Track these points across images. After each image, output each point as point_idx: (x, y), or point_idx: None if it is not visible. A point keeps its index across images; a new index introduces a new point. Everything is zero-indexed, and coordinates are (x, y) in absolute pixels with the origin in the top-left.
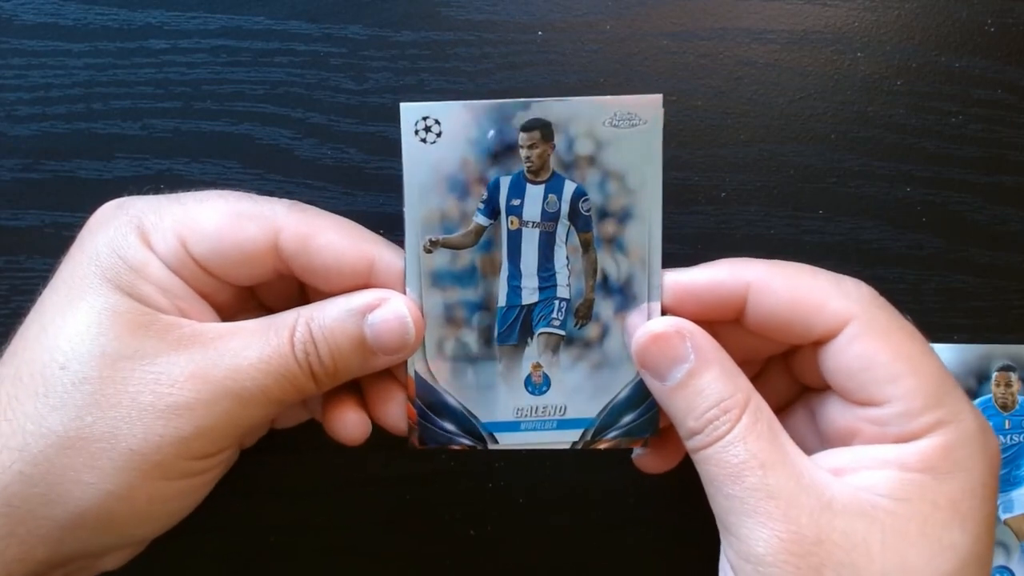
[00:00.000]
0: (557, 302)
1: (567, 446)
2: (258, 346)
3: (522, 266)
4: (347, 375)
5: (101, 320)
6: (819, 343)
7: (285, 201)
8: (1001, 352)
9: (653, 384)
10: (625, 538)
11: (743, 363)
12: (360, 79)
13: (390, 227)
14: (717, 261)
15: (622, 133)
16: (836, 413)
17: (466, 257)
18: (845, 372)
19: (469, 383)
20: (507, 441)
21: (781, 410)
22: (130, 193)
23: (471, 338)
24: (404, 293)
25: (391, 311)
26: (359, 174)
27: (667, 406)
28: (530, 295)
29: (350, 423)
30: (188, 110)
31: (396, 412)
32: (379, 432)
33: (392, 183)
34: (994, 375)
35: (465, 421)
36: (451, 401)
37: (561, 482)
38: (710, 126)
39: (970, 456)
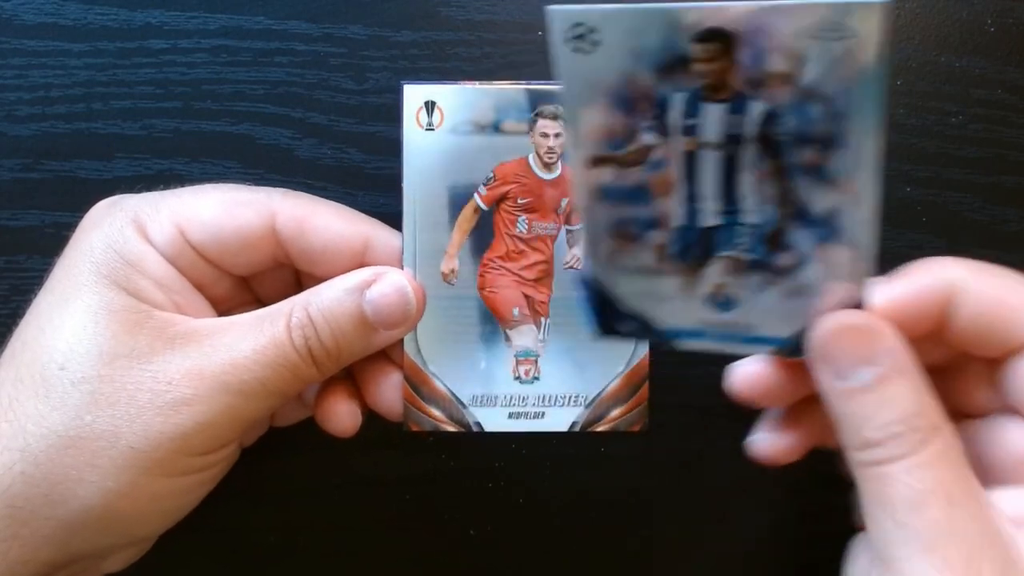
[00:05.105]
0: (744, 227)
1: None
2: (253, 338)
3: (701, 191)
4: (349, 356)
5: (97, 319)
6: (1009, 355)
7: (280, 189)
8: None
9: (826, 379)
10: (625, 539)
11: None
12: (360, 79)
13: (391, 227)
14: (917, 266)
15: (828, 47)
16: (1015, 442)
17: (635, 175)
18: None
19: (647, 293)
20: (691, 345)
21: None
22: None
23: (645, 253)
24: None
25: (389, 284)
26: (359, 174)
27: (838, 407)
28: (711, 219)
29: (341, 414)
30: (188, 110)
31: (392, 395)
32: (379, 432)
33: (393, 182)
34: None
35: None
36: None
37: (561, 482)
38: None
39: None
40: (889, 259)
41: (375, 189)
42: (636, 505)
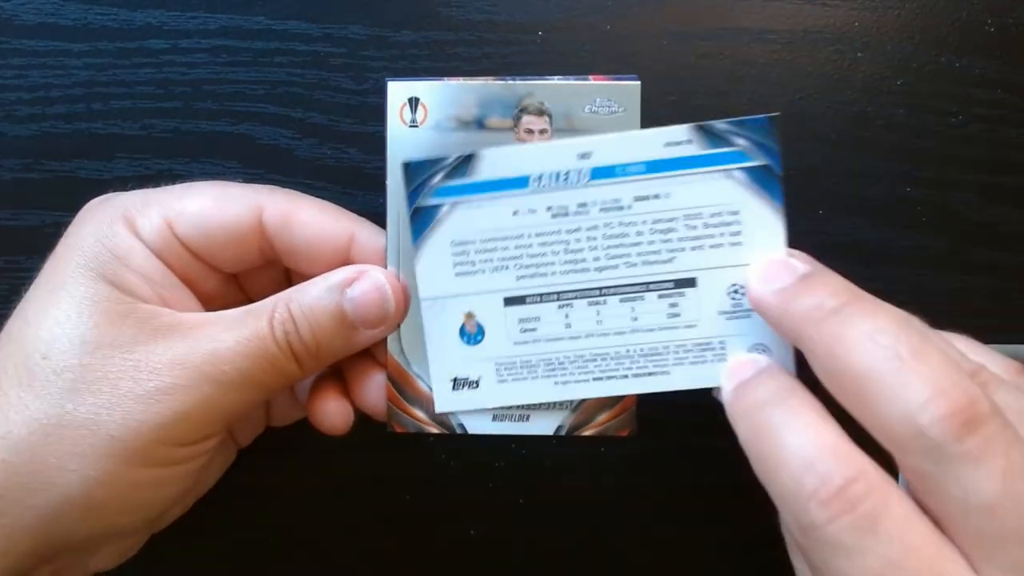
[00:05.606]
0: None
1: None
2: (236, 330)
3: None
4: (330, 354)
5: (81, 309)
6: None
7: (268, 186)
8: (1001, 352)
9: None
10: (625, 539)
11: None
12: (360, 79)
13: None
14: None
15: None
16: None
17: None
18: None
19: None
20: None
21: None
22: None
23: None
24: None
25: (369, 282)
26: (359, 174)
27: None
28: None
29: (331, 412)
30: (188, 110)
31: (376, 395)
32: (378, 432)
33: None
34: None
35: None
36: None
37: (561, 483)
38: None
39: None
40: (889, 259)
41: (375, 189)
42: (636, 506)
